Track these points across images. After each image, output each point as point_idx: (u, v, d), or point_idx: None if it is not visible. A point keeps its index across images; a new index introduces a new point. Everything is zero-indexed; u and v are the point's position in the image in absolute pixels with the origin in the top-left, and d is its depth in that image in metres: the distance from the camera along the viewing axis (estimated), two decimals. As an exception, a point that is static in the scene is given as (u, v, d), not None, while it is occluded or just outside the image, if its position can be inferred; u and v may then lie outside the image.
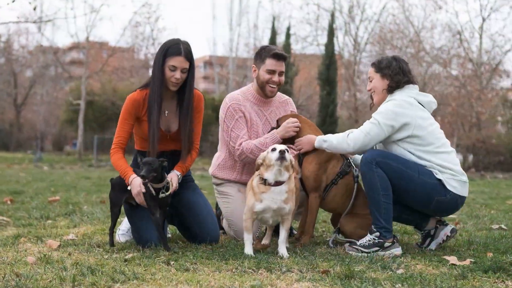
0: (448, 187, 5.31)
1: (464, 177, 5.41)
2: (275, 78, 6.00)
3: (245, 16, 70.85)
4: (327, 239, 6.01)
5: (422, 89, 26.43)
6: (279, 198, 5.12)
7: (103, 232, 6.24)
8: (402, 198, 5.39)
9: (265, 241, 5.55)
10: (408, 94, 5.48)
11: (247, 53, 47.41)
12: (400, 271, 4.47)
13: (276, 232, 5.73)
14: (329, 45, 29.32)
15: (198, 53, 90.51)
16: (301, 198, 5.84)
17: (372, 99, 5.75)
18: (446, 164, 5.35)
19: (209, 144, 31.06)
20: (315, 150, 5.66)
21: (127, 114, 5.46)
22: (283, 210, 5.17)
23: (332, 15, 31.42)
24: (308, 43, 36.69)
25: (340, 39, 35.05)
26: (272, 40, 30.24)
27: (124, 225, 5.89)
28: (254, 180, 5.25)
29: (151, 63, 41.76)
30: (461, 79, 32.35)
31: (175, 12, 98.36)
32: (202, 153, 35.55)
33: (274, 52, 5.94)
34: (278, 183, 5.12)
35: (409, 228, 6.58)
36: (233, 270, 4.46)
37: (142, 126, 5.52)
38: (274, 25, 30.68)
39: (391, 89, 5.53)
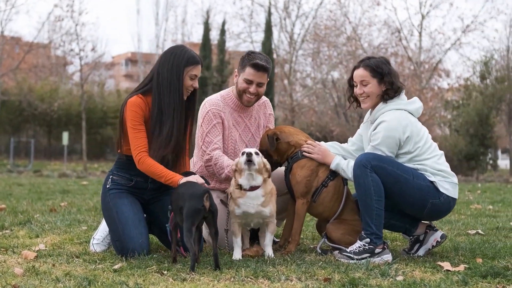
0: (441, 189, 5.53)
1: (455, 179, 5.66)
2: (252, 88, 6.07)
3: (172, 10, 70.25)
4: (310, 246, 6.18)
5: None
6: (255, 203, 5.41)
7: (71, 241, 6.26)
8: (396, 202, 5.60)
9: (245, 248, 5.73)
10: (398, 107, 5.67)
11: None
12: (399, 278, 4.66)
13: (256, 237, 5.92)
14: (266, 42, 29.55)
15: (120, 49, 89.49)
16: (284, 204, 6.03)
17: (357, 102, 5.93)
18: (438, 167, 5.59)
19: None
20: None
21: (139, 118, 5.52)
22: (263, 213, 5.46)
23: (269, 11, 31.65)
24: (241, 40, 36.90)
25: (275, 36, 35.35)
26: (205, 36, 30.26)
27: (99, 233, 5.91)
28: (231, 186, 5.52)
29: (74, 59, 41.51)
30: (400, 78, 32.92)
31: (96, 5, 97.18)
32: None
33: (254, 62, 6.00)
34: (253, 188, 5.39)
35: (388, 233, 6.80)
36: (231, 280, 4.58)
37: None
38: (208, 21, 30.72)
39: (387, 98, 5.70)
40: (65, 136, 27.34)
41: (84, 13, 29.63)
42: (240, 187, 5.42)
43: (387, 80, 5.68)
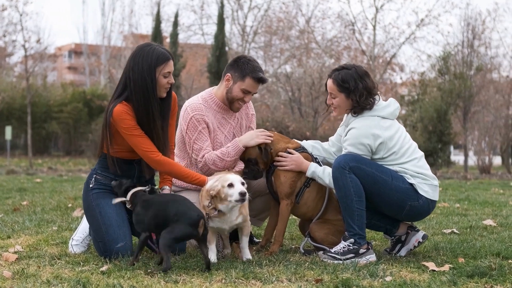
0: (420, 192, 5.70)
1: (435, 181, 5.83)
2: (247, 98, 6.18)
3: (119, 0, 69.68)
4: (292, 246, 6.32)
5: (313, 84, 26.96)
6: (229, 220, 5.47)
7: (46, 242, 6.31)
8: (375, 203, 5.75)
9: (226, 250, 5.83)
10: (370, 114, 5.77)
11: (122, 42, 47.05)
12: (388, 278, 4.82)
13: (234, 237, 6.03)
14: (219, 35, 29.43)
15: (63, 40, 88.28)
16: (266, 203, 6.15)
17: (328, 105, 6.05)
18: (418, 170, 5.75)
19: (89, 142, 30.54)
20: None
21: (134, 123, 5.52)
22: (237, 224, 5.54)
23: (222, 2, 31.65)
24: (192, 32, 36.93)
25: (227, 28, 35.37)
26: (157, 29, 30.03)
27: (78, 234, 5.95)
28: (205, 202, 5.45)
29: (16, 51, 40.86)
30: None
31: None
32: (81, 152, 34.97)
33: (259, 77, 6.07)
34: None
35: (366, 233, 6.95)
36: (223, 281, 4.70)
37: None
38: (159, 12, 30.53)
39: (355, 112, 5.79)
40: (8, 130, 26.89)
41: (29, 2, 29.06)
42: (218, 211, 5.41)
43: (353, 98, 5.74)
